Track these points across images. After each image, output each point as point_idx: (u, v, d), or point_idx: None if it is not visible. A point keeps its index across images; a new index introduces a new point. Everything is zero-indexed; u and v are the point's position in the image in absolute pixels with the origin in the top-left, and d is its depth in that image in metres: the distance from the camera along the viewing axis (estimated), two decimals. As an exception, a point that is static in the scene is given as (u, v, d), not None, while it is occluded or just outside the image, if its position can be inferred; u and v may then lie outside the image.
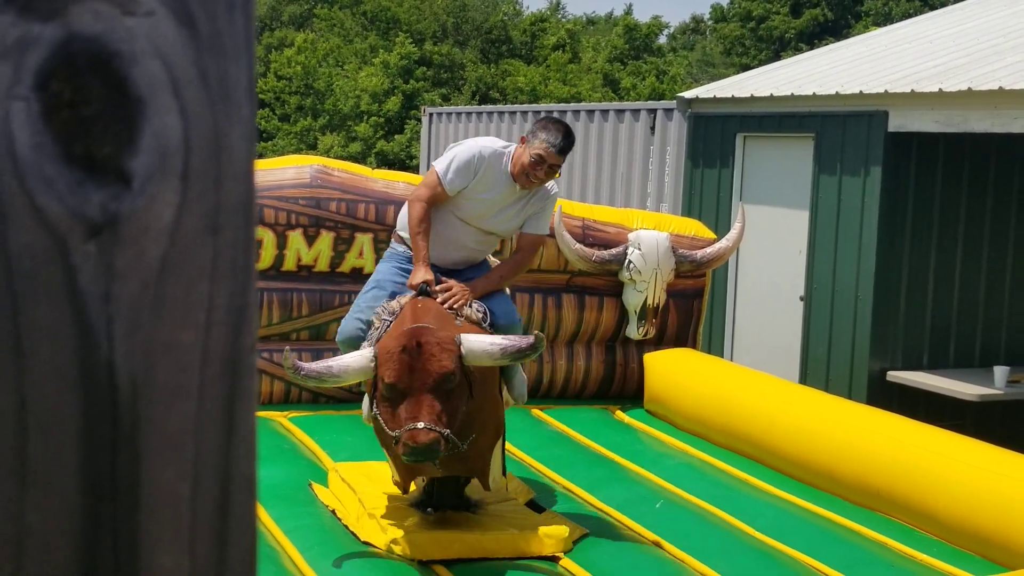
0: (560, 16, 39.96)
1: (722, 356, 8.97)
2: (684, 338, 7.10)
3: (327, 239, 6.38)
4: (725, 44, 42.30)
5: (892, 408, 6.46)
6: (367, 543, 4.58)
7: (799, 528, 4.96)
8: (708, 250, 6.72)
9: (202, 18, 0.67)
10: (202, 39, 0.67)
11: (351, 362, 4.25)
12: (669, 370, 6.74)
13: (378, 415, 4.26)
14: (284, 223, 6.32)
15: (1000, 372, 7.58)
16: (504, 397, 4.79)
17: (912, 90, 7.61)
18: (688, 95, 9.86)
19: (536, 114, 12.62)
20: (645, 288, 6.69)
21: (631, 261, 6.66)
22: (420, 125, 19.44)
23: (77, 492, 0.65)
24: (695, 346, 7.14)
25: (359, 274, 6.19)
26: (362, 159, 27.41)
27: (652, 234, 6.72)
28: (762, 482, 5.59)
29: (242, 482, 0.69)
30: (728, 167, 9.22)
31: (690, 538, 4.78)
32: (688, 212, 9.37)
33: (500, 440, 4.70)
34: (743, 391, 6.19)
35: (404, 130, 29.73)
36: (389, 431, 4.15)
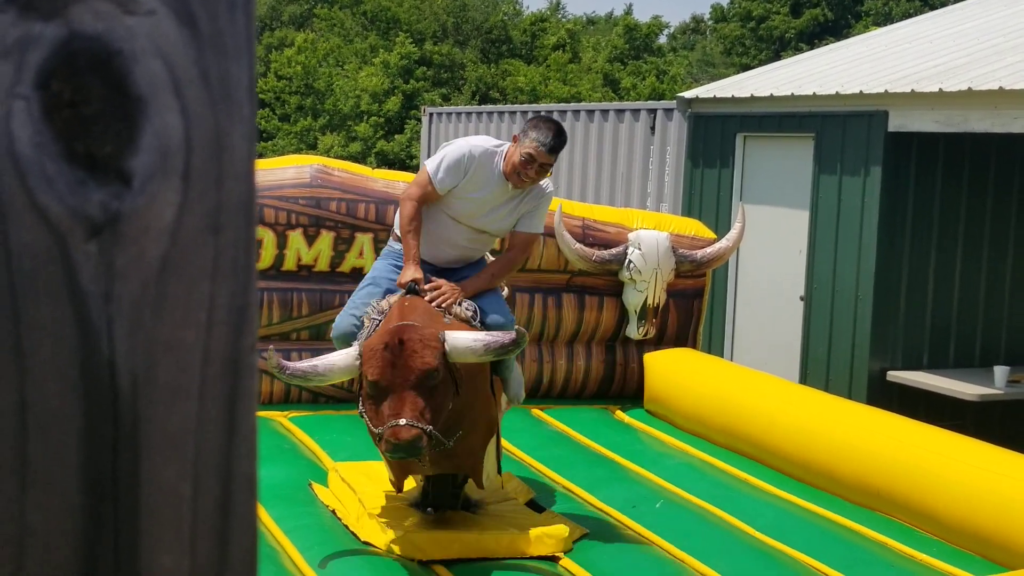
0: (560, 16, 39.97)
1: (722, 356, 8.96)
2: (684, 338, 7.10)
3: (327, 239, 6.38)
4: (725, 44, 42.30)
5: (892, 408, 6.45)
6: (367, 543, 4.58)
7: (799, 528, 4.96)
8: (708, 250, 6.72)
9: (203, 18, 0.67)
10: (203, 39, 0.67)
11: (336, 361, 4.26)
12: (669, 370, 6.74)
13: (363, 413, 4.27)
14: (284, 223, 6.32)
15: (1000, 372, 7.57)
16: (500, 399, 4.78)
17: (912, 90, 7.61)
18: (688, 95, 9.86)
19: (536, 114, 12.60)
20: (645, 288, 6.69)
21: (631, 261, 6.65)
22: (420, 125, 19.44)
23: (78, 492, 0.65)
24: (695, 346, 7.14)
25: (359, 274, 6.16)
26: (362, 159, 27.40)
27: (652, 234, 6.71)
28: (762, 482, 5.59)
29: (243, 482, 0.69)
30: (728, 167, 9.21)
31: (690, 538, 4.78)
32: (688, 212, 9.37)
33: (494, 438, 4.70)
34: (743, 391, 6.19)
35: (404, 130, 29.72)
36: (373, 428, 4.16)
